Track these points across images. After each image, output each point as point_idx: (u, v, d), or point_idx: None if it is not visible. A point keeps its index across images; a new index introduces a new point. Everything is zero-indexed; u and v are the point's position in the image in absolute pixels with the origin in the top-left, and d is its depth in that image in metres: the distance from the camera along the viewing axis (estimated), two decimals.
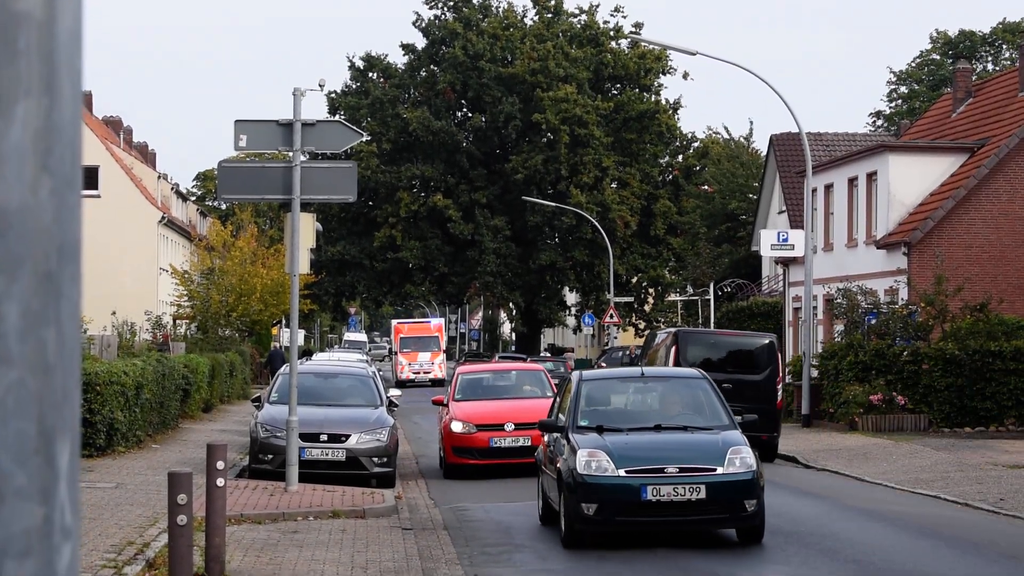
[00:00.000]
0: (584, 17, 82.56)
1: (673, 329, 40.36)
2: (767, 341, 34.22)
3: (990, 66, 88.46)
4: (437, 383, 75.11)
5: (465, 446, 26.98)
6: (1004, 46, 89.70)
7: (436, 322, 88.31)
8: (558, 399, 20.97)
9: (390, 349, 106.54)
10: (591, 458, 17.33)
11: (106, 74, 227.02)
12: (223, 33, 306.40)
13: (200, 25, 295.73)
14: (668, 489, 17.05)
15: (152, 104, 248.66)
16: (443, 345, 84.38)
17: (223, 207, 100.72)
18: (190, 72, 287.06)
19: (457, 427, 27.17)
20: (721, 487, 17.12)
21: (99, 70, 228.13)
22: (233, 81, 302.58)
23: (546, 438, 19.90)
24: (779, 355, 34.58)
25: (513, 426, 26.92)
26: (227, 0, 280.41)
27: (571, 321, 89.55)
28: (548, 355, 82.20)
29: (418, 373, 79.65)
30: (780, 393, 33.64)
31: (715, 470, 17.23)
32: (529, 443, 25.85)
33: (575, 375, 20.30)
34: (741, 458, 17.37)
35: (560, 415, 19.54)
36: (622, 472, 17.16)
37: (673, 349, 34.34)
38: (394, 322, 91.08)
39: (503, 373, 31.33)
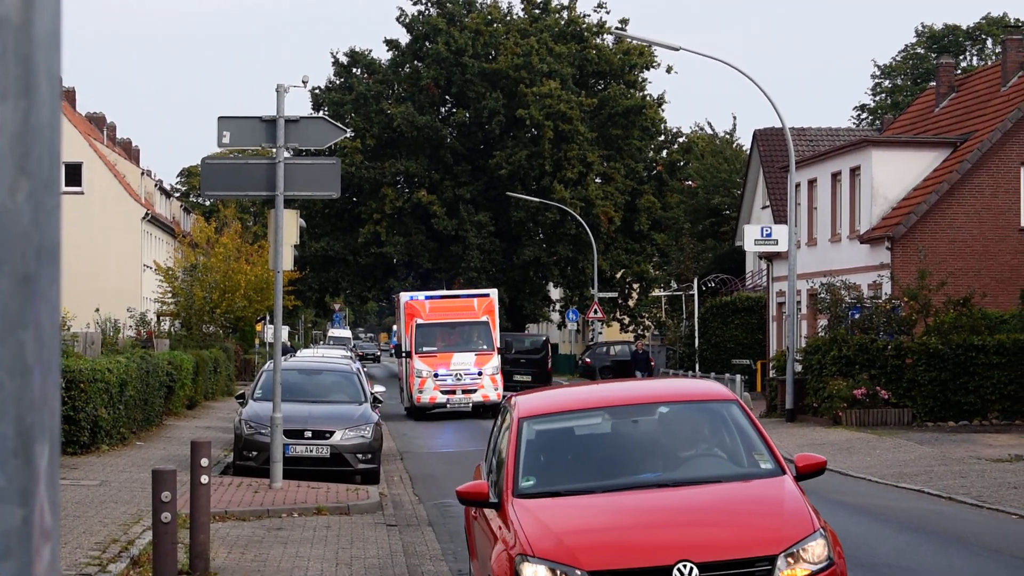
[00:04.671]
0: (567, 13, 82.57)
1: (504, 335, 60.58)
2: (544, 338, 66.77)
3: (975, 60, 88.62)
4: (486, 410, 44.29)
5: None
6: (988, 40, 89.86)
7: (484, 296, 49.16)
8: None
9: (397, 349, 52.60)
10: None
11: (89, 70, 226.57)
12: (207, 29, 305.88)
13: (183, 21, 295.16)
14: None
15: (136, 100, 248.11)
16: (497, 339, 47.15)
17: (207, 203, 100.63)
18: (174, 68, 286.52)
19: (536, 573, 10.07)
20: None
21: (82, 66, 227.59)
22: (217, 77, 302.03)
23: None
24: (548, 345, 64.45)
25: (696, 571, 9.88)
26: None
27: (555, 317, 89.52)
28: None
29: (452, 392, 45.41)
30: (549, 363, 62.49)
31: None
32: None
33: None
34: None
35: None
36: None
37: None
38: (403, 297, 49.83)
39: (628, 411, 12.04)
